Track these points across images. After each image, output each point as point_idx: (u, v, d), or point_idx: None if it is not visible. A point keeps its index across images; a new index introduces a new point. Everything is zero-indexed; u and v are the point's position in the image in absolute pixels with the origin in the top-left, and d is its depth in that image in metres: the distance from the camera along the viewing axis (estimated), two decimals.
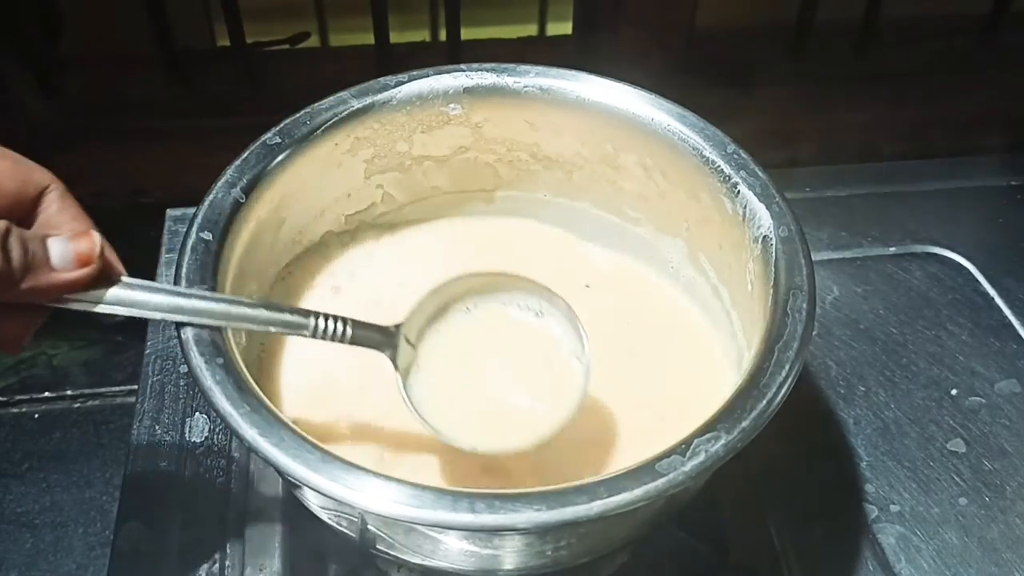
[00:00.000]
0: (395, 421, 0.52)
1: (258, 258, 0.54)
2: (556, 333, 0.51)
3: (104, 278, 0.43)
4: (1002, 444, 0.65)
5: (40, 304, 0.42)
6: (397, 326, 0.48)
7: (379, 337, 0.48)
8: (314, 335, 0.46)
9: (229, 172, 0.52)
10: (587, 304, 0.59)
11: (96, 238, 0.42)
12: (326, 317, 0.46)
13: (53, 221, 0.43)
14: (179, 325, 0.44)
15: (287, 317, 0.46)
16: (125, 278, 0.44)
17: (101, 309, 0.43)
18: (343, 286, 0.60)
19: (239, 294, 0.51)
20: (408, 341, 0.49)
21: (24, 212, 0.42)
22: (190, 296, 0.45)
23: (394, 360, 0.48)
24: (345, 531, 0.48)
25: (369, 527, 0.46)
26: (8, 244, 0.38)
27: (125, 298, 0.43)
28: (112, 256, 0.44)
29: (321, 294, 0.60)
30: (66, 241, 0.41)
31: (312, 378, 0.55)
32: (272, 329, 0.46)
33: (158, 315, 0.44)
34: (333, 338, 0.46)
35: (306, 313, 0.46)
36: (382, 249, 0.63)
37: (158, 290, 0.44)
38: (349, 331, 0.46)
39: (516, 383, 0.50)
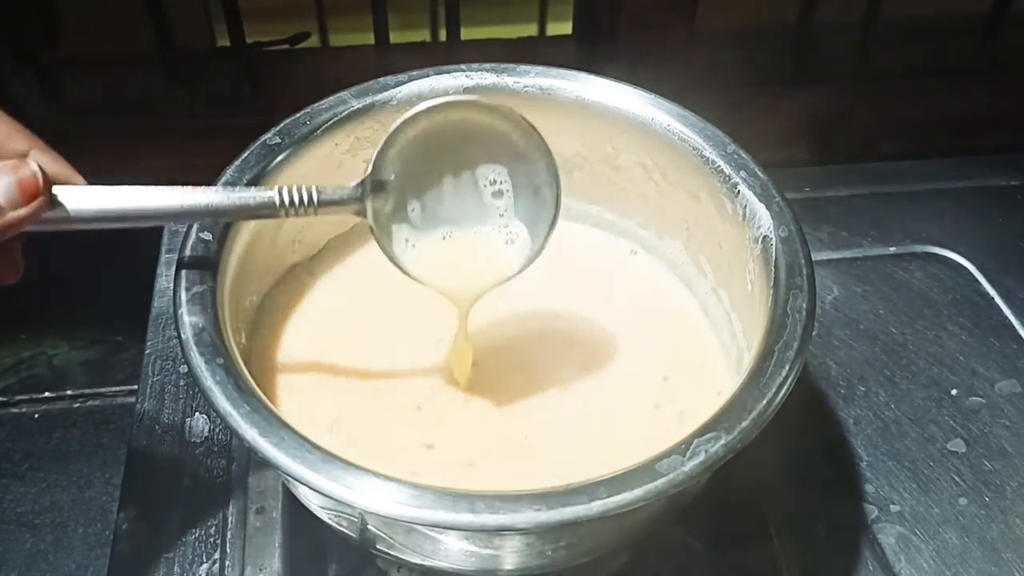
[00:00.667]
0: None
1: (258, 258, 0.54)
2: (528, 163, 0.50)
3: (56, 199, 0.42)
4: (1002, 444, 0.65)
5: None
6: (362, 181, 0.47)
7: (347, 197, 0.47)
8: (283, 210, 0.46)
9: (229, 172, 0.52)
10: (586, 303, 0.59)
11: (34, 166, 0.41)
12: (290, 189, 0.46)
13: None
14: (179, 323, 0.44)
15: (252, 197, 0.46)
16: (83, 188, 0.43)
17: (65, 227, 0.42)
18: (345, 286, 0.60)
19: (239, 295, 0.51)
20: (382, 189, 0.48)
21: None
22: (152, 196, 0.44)
23: (365, 215, 0.48)
24: (345, 531, 0.48)
25: (369, 527, 0.46)
26: None
27: (85, 212, 0.43)
28: (64, 170, 0.43)
29: (323, 294, 0.60)
30: (7, 175, 0.40)
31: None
32: (243, 215, 0.46)
33: (125, 223, 0.44)
34: (300, 208, 0.46)
35: (268, 190, 0.46)
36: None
37: (118, 195, 0.43)
38: (315, 195, 0.46)
39: (488, 224, 0.51)
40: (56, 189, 0.42)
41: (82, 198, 0.43)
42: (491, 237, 0.51)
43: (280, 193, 0.46)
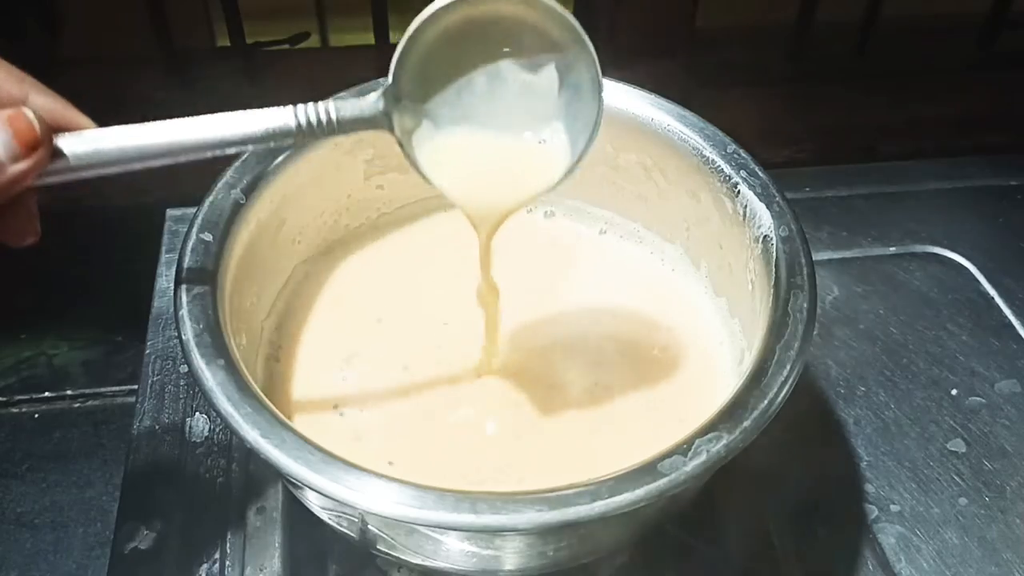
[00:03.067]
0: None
1: (258, 259, 0.54)
2: (564, 56, 0.45)
3: (59, 149, 0.39)
4: (1002, 444, 0.65)
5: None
6: (383, 92, 0.44)
7: (368, 111, 0.44)
8: (301, 134, 0.43)
9: (229, 173, 0.52)
10: (586, 303, 0.59)
11: (30, 115, 0.38)
12: (307, 108, 0.43)
13: None
14: (179, 323, 0.44)
15: (267, 121, 0.42)
16: (86, 133, 0.41)
17: (72, 176, 0.40)
18: (344, 286, 0.60)
19: (240, 296, 0.51)
20: (403, 99, 0.44)
21: None
22: (160, 132, 0.42)
23: (391, 128, 0.44)
24: (345, 531, 0.48)
25: (369, 527, 0.46)
26: None
27: (92, 157, 0.40)
28: (66, 113, 0.41)
29: (322, 296, 0.60)
30: (3, 128, 0.37)
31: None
32: (261, 141, 0.42)
33: (136, 165, 0.41)
34: (320, 129, 0.43)
35: (284, 111, 0.43)
36: (382, 249, 0.63)
37: (124, 135, 0.41)
38: (334, 113, 0.43)
39: (515, 135, 0.47)
40: (60, 137, 0.40)
41: (87, 142, 0.40)
42: (526, 141, 0.46)
43: (297, 115, 0.43)
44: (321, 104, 0.43)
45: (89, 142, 0.40)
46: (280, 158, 0.54)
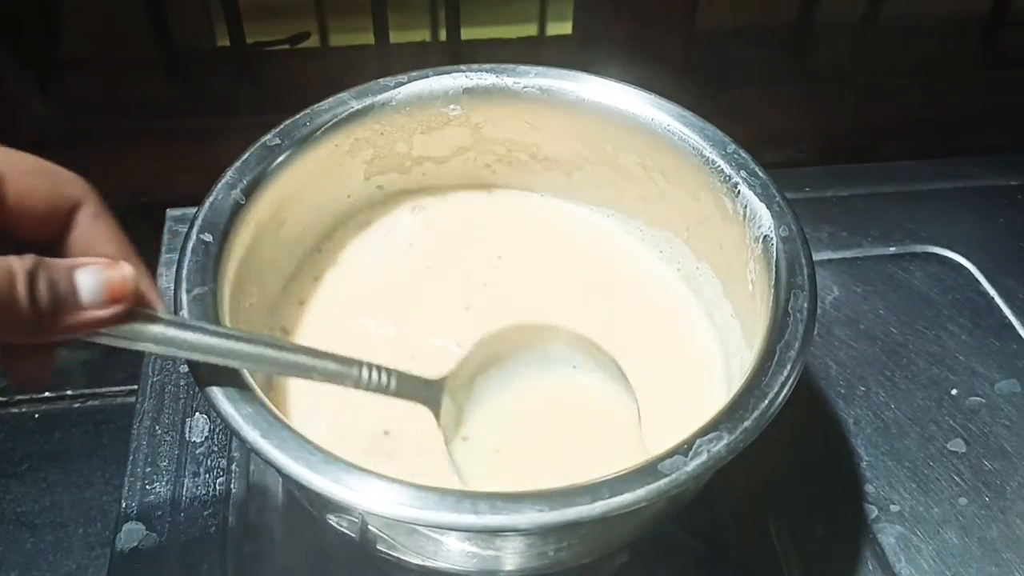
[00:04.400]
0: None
1: (258, 260, 0.54)
2: (601, 390, 0.51)
3: (137, 312, 0.39)
4: (1002, 444, 0.65)
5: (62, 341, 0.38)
6: (443, 380, 0.47)
7: (423, 391, 0.46)
8: (356, 385, 0.44)
9: (229, 173, 0.52)
10: (586, 303, 0.59)
11: (128, 270, 0.38)
12: (369, 368, 0.44)
13: (84, 242, 0.39)
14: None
15: (330, 366, 0.43)
16: (162, 313, 0.40)
17: (133, 347, 0.39)
18: (345, 286, 0.60)
19: (240, 296, 0.51)
20: (451, 397, 0.48)
21: (55, 231, 0.39)
22: (230, 338, 0.41)
23: (437, 416, 0.47)
24: (346, 532, 0.48)
25: (370, 528, 0.46)
26: (36, 284, 0.35)
27: (160, 336, 0.39)
28: (148, 287, 0.40)
29: (324, 296, 0.60)
30: (97, 273, 0.37)
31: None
32: (315, 377, 0.43)
33: (197, 356, 0.41)
34: (376, 389, 0.44)
35: (349, 362, 0.44)
36: (383, 249, 0.63)
37: (197, 329, 0.41)
38: (393, 383, 0.45)
39: (563, 447, 0.49)
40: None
41: (156, 324, 0.39)
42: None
43: (360, 370, 0.44)
44: (386, 371, 0.45)
45: (164, 326, 0.40)
46: (280, 158, 0.54)
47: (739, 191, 0.53)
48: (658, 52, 0.94)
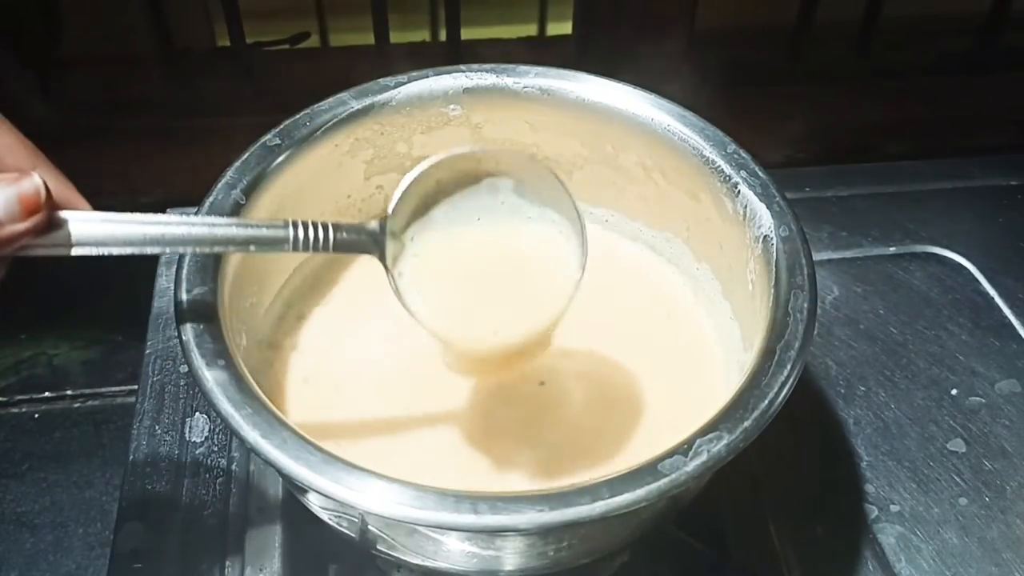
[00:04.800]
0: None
1: (258, 260, 0.54)
2: (549, 217, 0.48)
3: (58, 220, 0.39)
4: (1002, 444, 0.65)
5: None
6: (382, 223, 0.46)
7: (364, 238, 0.45)
8: (295, 247, 0.43)
9: (229, 173, 0.52)
10: (586, 303, 0.59)
11: (37, 180, 0.38)
12: (305, 225, 0.44)
13: None
14: (179, 323, 0.44)
15: (265, 232, 0.43)
16: (86, 213, 0.40)
17: (64, 252, 0.40)
18: (345, 286, 0.60)
19: (240, 296, 0.51)
20: (395, 236, 0.46)
21: None
22: (158, 223, 0.42)
23: (383, 259, 0.46)
24: (346, 531, 0.48)
25: (370, 528, 0.46)
26: None
27: (88, 236, 0.40)
28: (66, 190, 0.41)
29: (323, 296, 0.60)
30: (7, 187, 0.37)
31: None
32: (252, 248, 0.43)
33: (129, 249, 0.41)
34: (316, 247, 0.44)
35: (283, 224, 0.43)
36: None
37: (124, 221, 0.41)
38: (332, 235, 0.44)
39: (507, 277, 0.49)
40: (59, 212, 0.40)
41: (83, 223, 0.40)
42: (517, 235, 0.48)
43: (295, 229, 0.44)
44: (320, 225, 0.44)
45: (87, 224, 0.40)
46: (280, 158, 0.54)
47: (739, 191, 0.53)
48: (658, 52, 0.94)
